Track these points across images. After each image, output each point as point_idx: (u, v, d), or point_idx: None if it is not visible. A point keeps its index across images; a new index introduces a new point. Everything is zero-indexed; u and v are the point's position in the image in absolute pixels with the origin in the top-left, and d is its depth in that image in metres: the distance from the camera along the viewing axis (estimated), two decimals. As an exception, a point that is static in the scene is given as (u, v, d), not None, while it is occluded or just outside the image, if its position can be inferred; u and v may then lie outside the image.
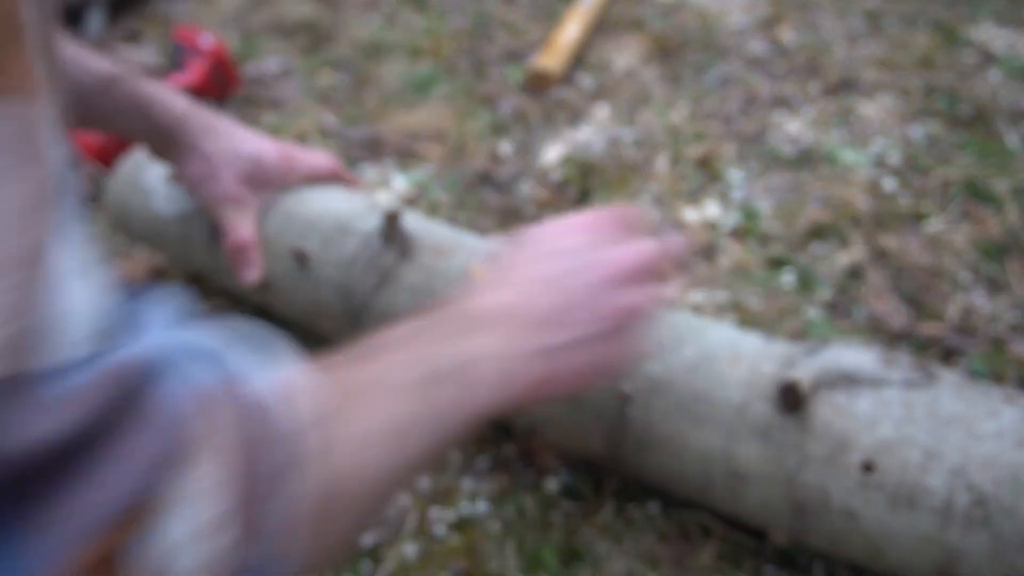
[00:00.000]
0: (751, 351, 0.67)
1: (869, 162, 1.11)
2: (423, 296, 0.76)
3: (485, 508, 0.76)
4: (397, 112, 1.29)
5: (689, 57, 1.37)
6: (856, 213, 1.01)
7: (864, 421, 0.60)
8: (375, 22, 1.54)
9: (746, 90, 1.27)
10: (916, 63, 1.30)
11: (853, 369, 0.63)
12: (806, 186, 1.08)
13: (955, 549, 0.58)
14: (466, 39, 1.46)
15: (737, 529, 0.72)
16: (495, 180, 1.14)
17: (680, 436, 0.66)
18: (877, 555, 0.61)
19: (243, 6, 1.65)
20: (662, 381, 0.67)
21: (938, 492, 0.58)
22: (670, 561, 0.70)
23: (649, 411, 0.67)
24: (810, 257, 0.98)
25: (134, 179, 0.94)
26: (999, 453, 0.57)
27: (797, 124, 1.19)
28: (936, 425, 0.59)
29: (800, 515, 0.63)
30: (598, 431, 0.70)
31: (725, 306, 0.92)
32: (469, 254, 0.78)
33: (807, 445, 0.61)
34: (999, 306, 0.90)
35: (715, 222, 1.04)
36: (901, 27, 1.40)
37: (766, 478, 0.63)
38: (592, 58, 1.38)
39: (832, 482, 0.61)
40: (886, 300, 0.91)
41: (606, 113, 1.24)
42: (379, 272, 0.79)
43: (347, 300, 0.80)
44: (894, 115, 1.19)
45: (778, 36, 1.40)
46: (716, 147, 1.16)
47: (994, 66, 1.28)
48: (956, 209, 1.02)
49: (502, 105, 1.27)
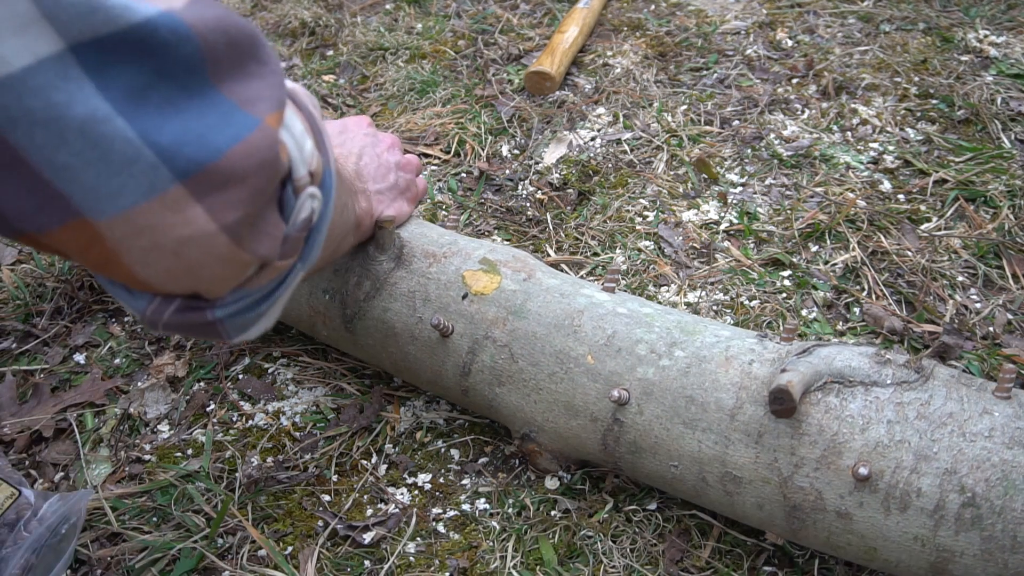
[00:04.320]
0: (743, 352, 0.68)
1: (865, 164, 1.12)
2: (417, 302, 0.77)
3: (485, 506, 0.77)
4: (398, 114, 1.30)
5: (687, 60, 1.38)
6: (852, 214, 1.02)
7: (856, 423, 0.61)
8: (376, 25, 1.55)
9: (743, 92, 1.28)
10: (912, 66, 1.30)
11: (846, 370, 0.64)
12: (803, 187, 1.09)
13: (947, 549, 0.59)
14: (466, 42, 1.47)
15: (734, 528, 0.73)
16: (495, 181, 1.15)
17: (673, 439, 0.67)
18: (871, 555, 0.62)
19: (245, 8, 1.66)
20: (655, 385, 0.68)
21: (930, 493, 0.59)
22: (668, 559, 0.71)
23: (643, 415, 0.68)
24: (807, 257, 0.98)
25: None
26: (990, 453, 0.58)
27: (794, 126, 1.20)
28: (928, 426, 0.60)
29: (794, 517, 0.64)
30: (593, 435, 0.71)
31: (723, 306, 0.93)
32: (464, 259, 0.79)
33: (800, 448, 0.62)
34: (994, 306, 0.91)
35: (713, 223, 1.05)
36: (897, 30, 1.41)
37: (760, 480, 0.64)
38: (591, 60, 1.39)
39: (825, 484, 0.61)
40: (882, 300, 0.92)
41: (605, 115, 1.25)
42: (374, 279, 0.80)
43: (343, 306, 0.81)
44: (890, 117, 1.20)
45: (775, 39, 1.41)
46: (714, 149, 1.17)
47: (989, 69, 1.29)
48: (951, 210, 1.03)
49: (502, 107, 1.28)
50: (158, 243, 0.43)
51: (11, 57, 0.37)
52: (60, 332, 0.98)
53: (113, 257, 0.44)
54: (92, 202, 0.41)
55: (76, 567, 0.74)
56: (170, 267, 0.45)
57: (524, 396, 0.73)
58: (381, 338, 0.80)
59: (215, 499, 0.78)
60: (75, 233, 0.42)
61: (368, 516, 0.77)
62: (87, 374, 0.92)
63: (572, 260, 1.00)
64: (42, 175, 0.39)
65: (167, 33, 0.40)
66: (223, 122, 0.43)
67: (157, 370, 0.91)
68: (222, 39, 0.43)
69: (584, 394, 0.70)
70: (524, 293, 0.75)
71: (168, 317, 0.49)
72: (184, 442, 0.85)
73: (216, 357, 0.93)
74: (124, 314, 1.00)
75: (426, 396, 0.88)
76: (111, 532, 0.76)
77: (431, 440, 0.83)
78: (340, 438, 0.84)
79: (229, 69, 0.44)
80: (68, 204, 0.40)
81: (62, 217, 0.41)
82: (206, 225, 0.43)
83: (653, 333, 0.71)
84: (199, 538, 0.74)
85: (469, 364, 0.75)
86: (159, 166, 0.41)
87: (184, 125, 0.41)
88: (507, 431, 0.82)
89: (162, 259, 0.44)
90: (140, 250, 0.43)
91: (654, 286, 0.97)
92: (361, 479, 0.80)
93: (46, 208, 0.41)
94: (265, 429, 0.85)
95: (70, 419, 0.87)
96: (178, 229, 0.43)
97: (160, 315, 0.49)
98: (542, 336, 0.73)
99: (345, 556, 0.73)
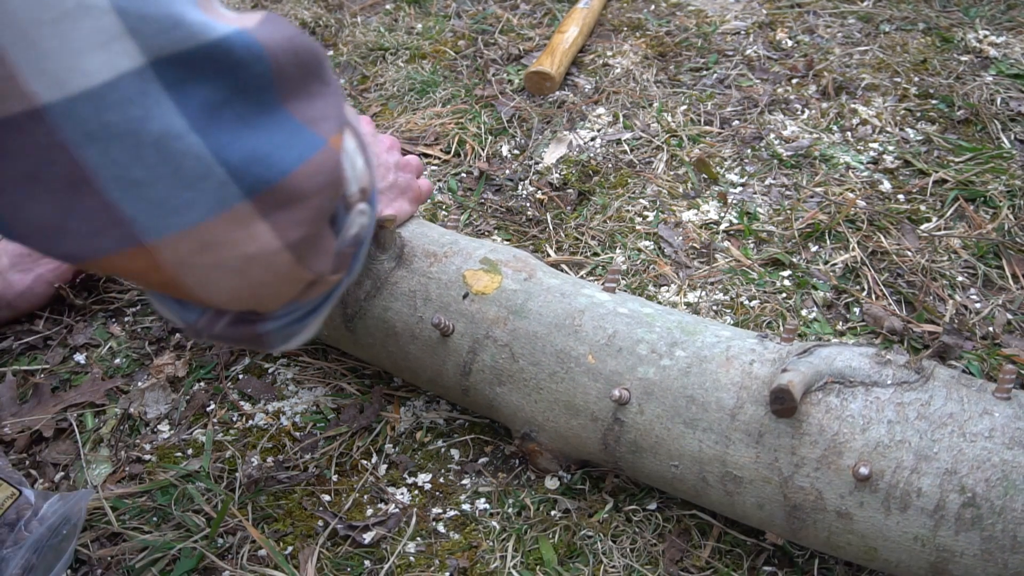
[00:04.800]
0: (744, 353, 0.68)
1: (865, 164, 1.12)
2: (418, 301, 0.77)
3: (485, 506, 0.77)
4: (398, 114, 1.30)
5: (687, 60, 1.38)
6: (852, 214, 1.02)
7: (857, 423, 0.61)
8: (376, 25, 1.55)
9: (743, 92, 1.28)
10: (912, 66, 1.31)
11: (846, 370, 0.64)
12: (803, 187, 1.09)
13: (947, 549, 0.59)
14: (466, 42, 1.47)
15: (734, 528, 0.73)
16: (495, 181, 1.15)
17: (674, 439, 0.67)
18: (871, 555, 0.62)
19: (244, 9, 1.65)
20: (656, 384, 0.68)
21: (930, 493, 0.59)
22: (668, 559, 0.71)
23: (643, 414, 0.68)
24: (807, 257, 0.99)
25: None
26: (990, 453, 0.58)
27: (794, 126, 1.20)
28: (928, 426, 0.60)
29: (795, 516, 0.64)
30: (593, 435, 0.71)
31: (723, 306, 0.93)
32: (465, 258, 0.79)
33: (800, 448, 0.62)
34: (994, 306, 0.91)
35: (713, 223, 1.05)
36: (897, 31, 1.41)
37: (760, 480, 0.64)
38: (591, 60, 1.39)
39: (825, 484, 0.62)
40: (882, 300, 0.92)
41: (605, 115, 1.25)
42: (374, 278, 0.80)
43: (343, 306, 0.81)
44: (890, 117, 1.20)
45: (775, 39, 1.41)
46: (714, 149, 1.17)
47: (988, 69, 1.29)
48: (951, 210, 1.03)
49: (502, 107, 1.28)
50: (222, 260, 0.44)
51: (93, 71, 0.37)
52: (60, 332, 0.98)
53: (173, 280, 0.44)
54: (158, 218, 0.41)
55: (76, 567, 0.74)
56: (233, 286, 0.46)
57: (525, 395, 0.73)
58: (382, 337, 0.80)
59: (215, 499, 0.78)
60: (133, 260, 0.42)
61: (368, 516, 0.77)
62: (87, 374, 0.92)
63: (572, 260, 1.01)
64: (106, 196, 0.40)
65: (242, 51, 0.41)
66: (290, 141, 0.44)
67: (157, 370, 0.91)
68: (291, 59, 0.44)
69: (585, 393, 0.70)
70: (525, 293, 0.75)
71: (219, 330, 0.50)
72: (184, 442, 0.85)
73: (216, 357, 0.93)
74: (124, 314, 1.00)
75: (426, 396, 0.88)
76: (111, 532, 0.76)
77: (431, 440, 0.83)
78: (340, 438, 0.84)
79: (296, 88, 0.45)
80: (130, 229, 0.41)
81: (121, 243, 0.41)
82: (271, 242, 0.44)
83: (654, 333, 0.71)
84: (199, 538, 0.74)
85: (470, 363, 0.75)
86: (229, 183, 0.41)
87: (254, 143, 0.42)
88: (507, 431, 0.82)
89: (225, 278, 0.45)
90: (203, 268, 0.44)
91: (654, 286, 0.97)
92: (361, 479, 0.80)
93: (106, 232, 0.41)
94: (265, 429, 0.85)
95: (70, 419, 0.87)
96: (243, 245, 0.44)
97: (211, 328, 0.50)
98: (543, 336, 0.73)
99: (345, 556, 0.73)
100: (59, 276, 0.98)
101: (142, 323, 0.99)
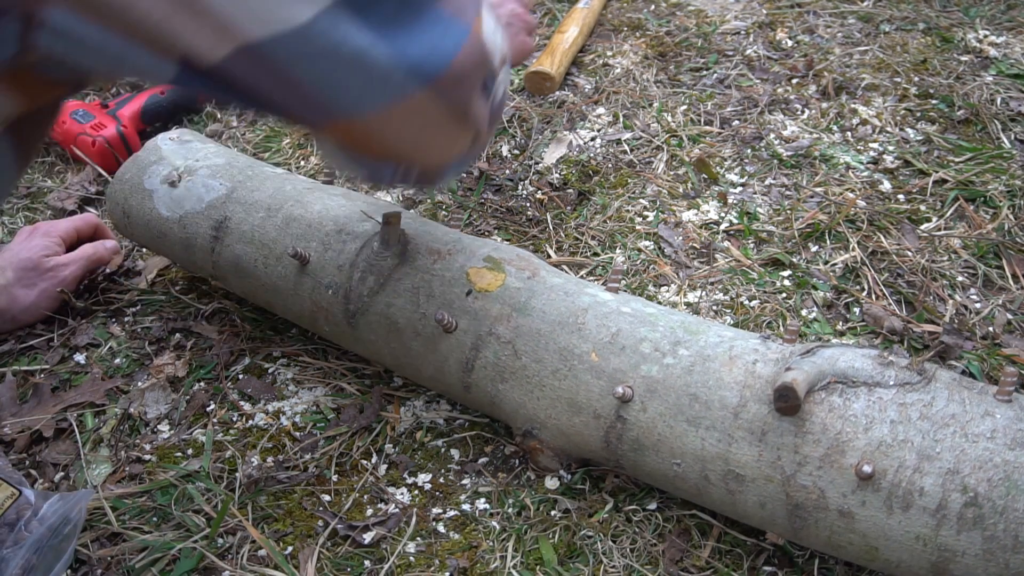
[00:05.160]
0: (747, 352, 0.68)
1: (865, 164, 1.12)
2: (421, 297, 0.77)
3: (485, 506, 0.77)
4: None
5: (687, 60, 1.38)
6: (852, 214, 1.02)
7: (859, 422, 0.61)
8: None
9: (743, 92, 1.28)
10: (912, 66, 1.31)
11: (849, 370, 0.64)
12: (803, 187, 1.09)
13: (949, 549, 0.59)
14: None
15: (734, 528, 0.73)
16: (495, 181, 1.15)
17: (677, 437, 0.67)
18: (872, 555, 0.62)
19: None
20: (659, 382, 0.68)
21: (932, 493, 0.59)
22: (668, 559, 0.71)
23: (646, 412, 0.68)
24: (807, 257, 0.99)
25: (135, 182, 0.95)
26: (992, 454, 0.58)
27: (794, 126, 1.20)
28: (931, 426, 0.60)
29: (796, 515, 0.64)
30: (595, 432, 0.71)
31: (723, 306, 0.93)
32: (468, 256, 0.79)
33: (803, 446, 0.62)
34: (994, 306, 0.91)
35: (713, 223, 1.05)
36: (897, 31, 1.41)
37: (763, 479, 0.64)
38: (591, 60, 1.39)
39: (828, 483, 0.61)
40: (882, 300, 0.92)
41: (605, 115, 1.25)
42: (378, 275, 0.80)
43: (346, 302, 0.81)
44: (890, 117, 1.20)
45: (775, 39, 1.41)
46: (714, 149, 1.17)
47: (988, 69, 1.29)
48: (951, 210, 1.03)
49: (501, 107, 1.28)
50: (411, 128, 0.58)
51: (298, 13, 0.49)
52: (60, 332, 0.98)
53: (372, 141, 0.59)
54: (357, 106, 0.55)
55: (76, 567, 0.74)
56: (419, 142, 0.60)
57: (527, 393, 0.73)
58: (384, 333, 0.80)
59: (215, 499, 0.78)
60: (338, 129, 0.58)
61: (368, 516, 0.76)
62: (87, 374, 0.92)
63: (573, 262, 1.00)
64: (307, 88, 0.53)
65: None
66: (447, 32, 0.55)
67: (157, 370, 0.91)
68: None
69: (587, 391, 0.70)
70: (528, 291, 0.75)
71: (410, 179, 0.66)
72: (184, 442, 0.85)
73: (216, 357, 0.93)
74: (124, 314, 1.00)
75: (426, 396, 0.88)
76: (111, 532, 0.76)
77: (431, 440, 0.83)
78: (340, 438, 0.84)
79: None
80: (329, 110, 0.55)
81: (325, 119, 0.57)
82: (445, 113, 0.58)
83: (657, 332, 0.71)
84: (199, 538, 0.74)
85: (472, 360, 0.75)
86: (410, 77, 0.54)
87: (421, 41, 0.54)
88: (507, 431, 0.82)
89: (414, 135, 0.59)
90: (396, 132, 0.58)
91: (654, 286, 0.97)
92: (361, 479, 0.80)
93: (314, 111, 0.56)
94: (265, 429, 0.85)
95: (70, 419, 0.87)
96: (426, 118, 0.58)
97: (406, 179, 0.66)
98: (546, 333, 0.73)
99: (345, 556, 0.73)
100: (63, 290, 0.99)
101: (142, 323, 0.99)
